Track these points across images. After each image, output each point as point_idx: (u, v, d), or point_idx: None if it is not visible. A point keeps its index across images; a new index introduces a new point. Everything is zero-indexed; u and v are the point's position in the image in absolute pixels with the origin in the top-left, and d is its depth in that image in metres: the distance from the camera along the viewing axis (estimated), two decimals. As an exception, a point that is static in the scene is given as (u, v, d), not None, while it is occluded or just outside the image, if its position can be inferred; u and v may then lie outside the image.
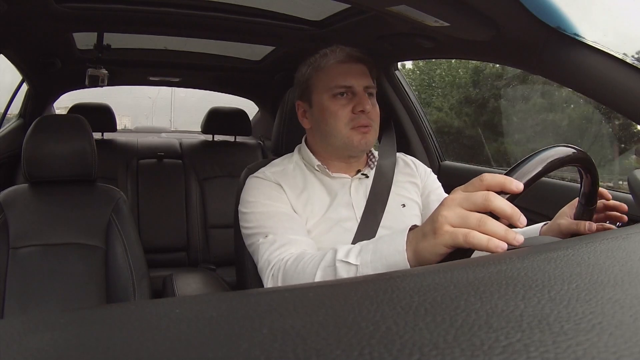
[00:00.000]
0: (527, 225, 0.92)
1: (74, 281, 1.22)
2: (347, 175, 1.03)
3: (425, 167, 1.15)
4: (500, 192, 0.52)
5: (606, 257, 0.36)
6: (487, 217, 0.52)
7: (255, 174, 1.02)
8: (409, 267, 0.60)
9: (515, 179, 0.53)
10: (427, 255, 0.57)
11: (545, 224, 0.84)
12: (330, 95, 0.98)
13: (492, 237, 0.51)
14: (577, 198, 0.75)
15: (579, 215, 0.76)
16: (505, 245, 0.51)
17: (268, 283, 0.85)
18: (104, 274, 1.25)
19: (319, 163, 1.02)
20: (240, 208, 0.98)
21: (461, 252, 0.54)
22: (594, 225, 0.74)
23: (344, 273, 0.70)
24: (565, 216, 0.79)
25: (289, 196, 0.97)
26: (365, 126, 0.97)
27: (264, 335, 0.23)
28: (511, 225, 0.53)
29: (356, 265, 0.68)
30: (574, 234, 0.77)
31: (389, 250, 0.63)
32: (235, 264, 1.18)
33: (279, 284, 0.82)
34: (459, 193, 0.55)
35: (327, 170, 1.01)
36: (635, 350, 0.21)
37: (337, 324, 0.25)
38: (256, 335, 0.23)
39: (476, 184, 0.54)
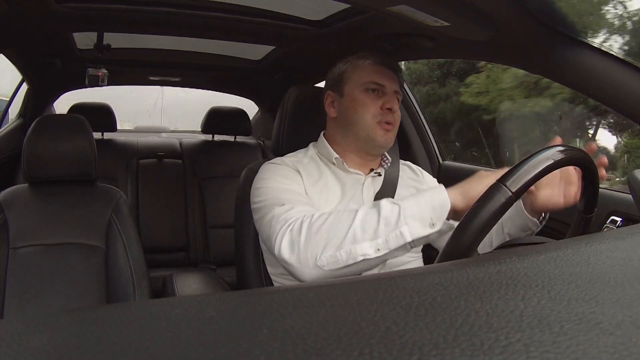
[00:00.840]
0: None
1: (74, 281, 1.22)
2: (361, 172, 1.05)
3: (432, 177, 1.19)
4: None
5: (606, 257, 0.36)
6: None
7: (272, 161, 1.04)
8: (449, 202, 0.73)
9: (516, 178, 0.54)
10: (475, 190, 0.70)
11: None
12: (363, 89, 1.02)
13: None
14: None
15: (576, 224, 0.74)
16: None
17: (283, 240, 0.80)
18: (104, 274, 1.25)
19: (337, 156, 1.03)
20: (254, 186, 0.98)
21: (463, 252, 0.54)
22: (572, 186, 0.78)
23: (388, 211, 0.74)
24: (542, 190, 0.80)
25: (305, 182, 0.98)
26: (389, 123, 1.01)
27: (264, 335, 0.23)
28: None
29: (398, 205, 0.75)
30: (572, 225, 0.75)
31: (431, 194, 0.75)
32: (235, 264, 1.18)
33: (302, 237, 0.78)
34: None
35: (344, 164, 1.03)
36: (635, 350, 0.21)
37: (337, 324, 0.25)
38: (256, 335, 0.23)
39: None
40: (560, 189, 0.79)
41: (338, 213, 0.79)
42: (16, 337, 0.24)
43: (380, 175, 1.06)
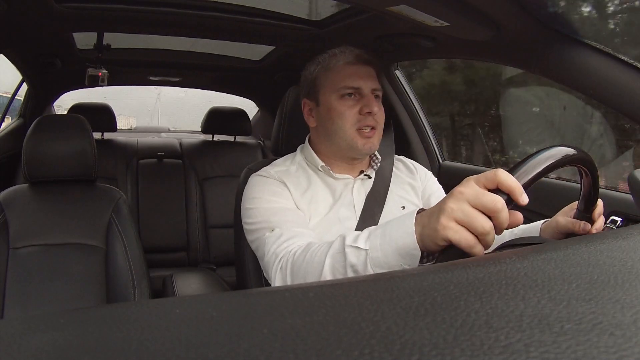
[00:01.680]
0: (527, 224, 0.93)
1: (74, 281, 1.22)
2: (350, 176, 1.03)
3: (426, 170, 1.16)
4: (502, 192, 0.52)
5: (606, 257, 0.36)
6: (491, 226, 0.52)
7: (258, 172, 1.02)
8: (418, 249, 0.60)
9: (518, 177, 0.53)
10: (429, 242, 0.57)
11: (545, 222, 0.85)
12: (338, 95, 0.98)
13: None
14: (577, 201, 0.75)
15: (577, 218, 0.76)
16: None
17: (277, 276, 0.83)
18: (104, 274, 1.25)
19: (323, 164, 1.02)
20: (244, 204, 0.98)
21: (460, 252, 0.54)
22: (589, 226, 0.74)
23: (354, 258, 0.68)
24: (565, 215, 0.79)
25: (293, 194, 0.97)
26: (371, 128, 0.97)
27: (264, 335, 0.23)
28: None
29: (365, 249, 0.67)
30: (569, 234, 0.77)
31: (398, 233, 0.62)
32: (235, 264, 1.18)
33: (288, 276, 0.80)
34: (470, 186, 0.54)
35: (331, 171, 1.01)
36: (635, 350, 0.21)
37: (337, 324, 0.25)
38: (256, 335, 0.23)
39: (489, 176, 0.53)
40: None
41: (311, 253, 0.76)
42: (16, 337, 0.24)
43: (370, 177, 1.04)
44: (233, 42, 1.83)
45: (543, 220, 0.86)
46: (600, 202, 0.74)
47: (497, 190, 0.53)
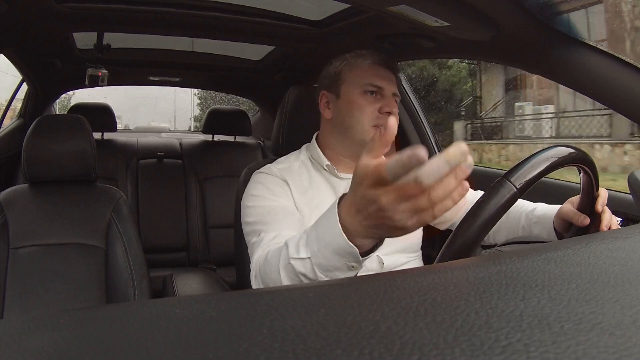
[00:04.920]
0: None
1: (74, 281, 1.22)
2: None
3: None
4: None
5: (606, 257, 0.36)
6: (409, 217, 0.49)
7: (261, 169, 1.02)
8: (354, 246, 0.58)
9: (516, 179, 0.54)
10: (365, 231, 0.55)
11: (562, 207, 0.85)
12: (361, 91, 0.99)
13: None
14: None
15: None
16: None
17: (253, 283, 0.83)
18: (104, 274, 1.25)
19: (328, 163, 1.02)
20: (244, 202, 0.98)
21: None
22: (587, 220, 0.74)
23: (301, 268, 0.67)
24: (571, 204, 0.80)
25: (294, 193, 0.97)
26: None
27: (264, 335, 0.23)
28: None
29: (308, 257, 0.66)
30: (569, 223, 0.77)
31: (329, 235, 0.60)
32: (235, 264, 1.18)
33: (261, 284, 0.80)
34: (356, 192, 0.54)
35: (335, 170, 1.02)
36: (635, 350, 0.21)
37: (337, 324, 0.25)
38: (256, 335, 0.23)
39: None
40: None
41: (268, 263, 0.76)
42: (16, 337, 0.24)
43: None
44: (233, 42, 1.83)
45: (560, 206, 0.86)
46: (604, 193, 0.74)
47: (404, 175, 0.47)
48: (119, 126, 2.98)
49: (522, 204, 0.99)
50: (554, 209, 0.88)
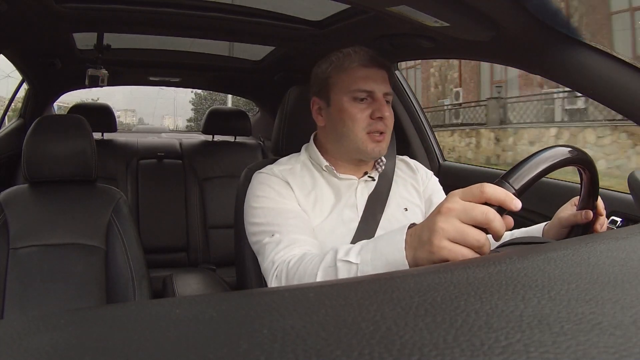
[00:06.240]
0: (528, 225, 0.93)
1: (74, 281, 1.22)
2: (354, 177, 1.03)
3: (427, 170, 1.15)
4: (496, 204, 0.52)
5: (606, 257, 0.36)
6: (486, 238, 0.52)
7: (262, 170, 1.02)
8: (407, 265, 0.60)
9: (514, 180, 0.53)
10: (425, 263, 0.57)
11: (546, 224, 0.85)
12: (350, 97, 0.97)
13: None
14: (577, 197, 0.75)
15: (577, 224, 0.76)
16: None
17: (272, 284, 0.84)
18: (104, 274, 1.25)
19: (327, 164, 1.01)
20: (248, 203, 0.98)
21: None
22: (591, 213, 0.74)
23: (345, 272, 0.69)
24: (565, 210, 0.80)
25: (297, 194, 0.97)
26: (380, 133, 0.96)
27: (264, 335, 0.23)
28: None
29: (356, 264, 0.68)
30: (573, 226, 0.77)
31: (388, 249, 0.63)
32: (235, 264, 1.18)
33: (282, 284, 0.81)
34: (457, 202, 0.53)
35: (335, 171, 1.01)
36: (635, 350, 0.21)
37: (337, 324, 0.25)
38: (256, 335, 0.23)
39: (476, 193, 0.52)
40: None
41: (305, 264, 0.78)
42: (16, 337, 0.24)
43: (373, 180, 1.04)
44: (233, 42, 1.83)
45: (544, 223, 0.86)
46: (600, 202, 0.74)
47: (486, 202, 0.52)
48: (134, 119, 2.99)
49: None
50: (536, 228, 0.88)
